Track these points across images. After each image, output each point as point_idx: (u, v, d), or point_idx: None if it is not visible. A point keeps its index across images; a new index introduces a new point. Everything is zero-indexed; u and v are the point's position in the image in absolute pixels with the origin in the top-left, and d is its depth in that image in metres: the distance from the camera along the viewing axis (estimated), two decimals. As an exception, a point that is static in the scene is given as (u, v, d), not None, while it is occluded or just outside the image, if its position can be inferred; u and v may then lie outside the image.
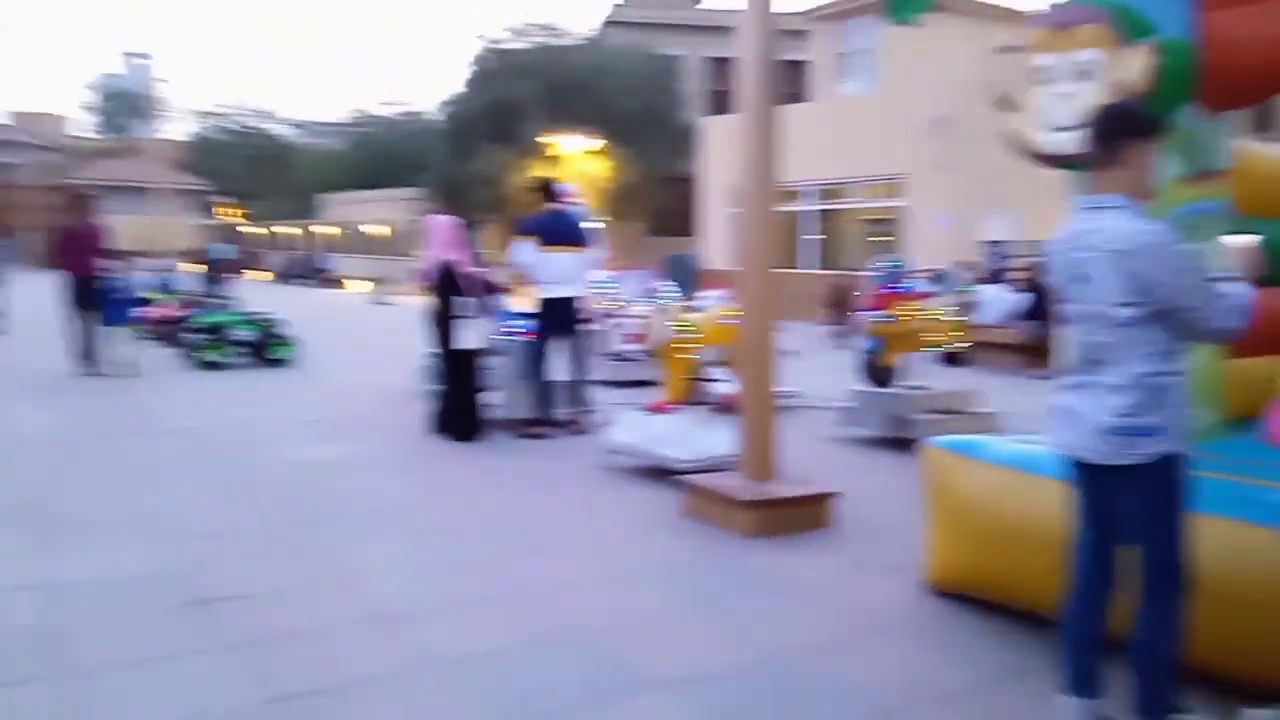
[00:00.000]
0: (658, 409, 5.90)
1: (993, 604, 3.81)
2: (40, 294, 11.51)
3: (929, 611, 3.91)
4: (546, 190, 7.59)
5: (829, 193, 20.75)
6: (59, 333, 10.47)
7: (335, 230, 45.40)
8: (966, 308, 11.72)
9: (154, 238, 20.88)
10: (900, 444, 6.96)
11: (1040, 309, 11.92)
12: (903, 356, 7.37)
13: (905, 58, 18.66)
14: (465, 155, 29.65)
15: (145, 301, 10.67)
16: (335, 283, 34.45)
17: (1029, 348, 11.85)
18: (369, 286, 29.76)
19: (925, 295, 7.34)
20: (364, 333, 16.51)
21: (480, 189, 28.44)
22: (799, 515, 4.94)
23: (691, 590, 4.17)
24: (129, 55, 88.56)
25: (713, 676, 3.30)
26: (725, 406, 6.18)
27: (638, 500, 5.57)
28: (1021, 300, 12.46)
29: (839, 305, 15.35)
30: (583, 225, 7.62)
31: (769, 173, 4.94)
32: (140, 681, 3.15)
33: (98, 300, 10.09)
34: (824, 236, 21.01)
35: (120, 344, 10.29)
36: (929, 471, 4.09)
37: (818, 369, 9.93)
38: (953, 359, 7.67)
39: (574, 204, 7.82)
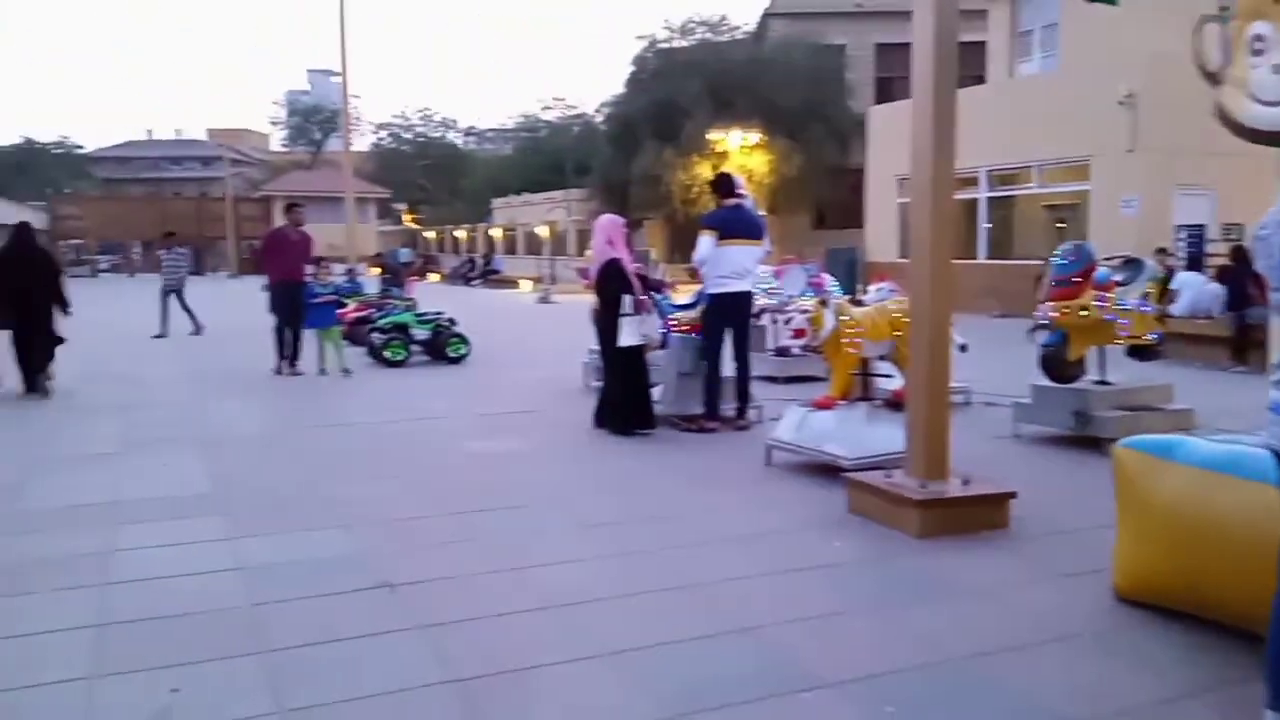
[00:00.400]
0: (823, 405, 5.81)
1: (1185, 615, 3.56)
2: (240, 298, 12.48)
3: (1114, 620, 3.69)
4: (724, 185, 7.61)
5: (1003, 178, 19.84)
6: (255, 334, 11.27)
7: (503, 232, 47.02)
8: (1159, 297, 10.97)
9: (341, 244, 22.20)
10: (1083, 443, 6.61)
11: (1240, 297, 11.02)
12: (1088, 350, 6.97)
13: (1090, 32, 17.61)
14: (627, 155, 30.11)
15: (341, 305, 11.26)
16: (504, 283, 35.68)
17: (1228, 339, 10.99)
18: (535, 286, 30.68)
19: (1113, 284, 6.90)
20: (531, 331, 17.03)
21: (642, 188, 28.83)
22: (973, 515, 4.76)
23: (860, 589, 4.10)
24: (314, 72, 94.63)
25: (883, 677, 3.22)
26: (893, 402, 6.01)
27: (803, 497, 5.51)
28: (1219, 288, 11.55)
29: (1026, 295, 14.65)
30: (759, 219, 7.61)
31: (947, 160, 4.77)
32: (336, 659, 3.37)
33: (302, 304, 10.64)
34: (990, 225, 20.11)
35: (328, 346, 10.81)
36: (1120, 473, 3.85)
37: (989, 363, 9.54)
38: (1143, 352, 7.17)
39: (745, 197, 7.82)
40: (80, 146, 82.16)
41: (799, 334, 5.70)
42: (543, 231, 42.60)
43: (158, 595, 3.97)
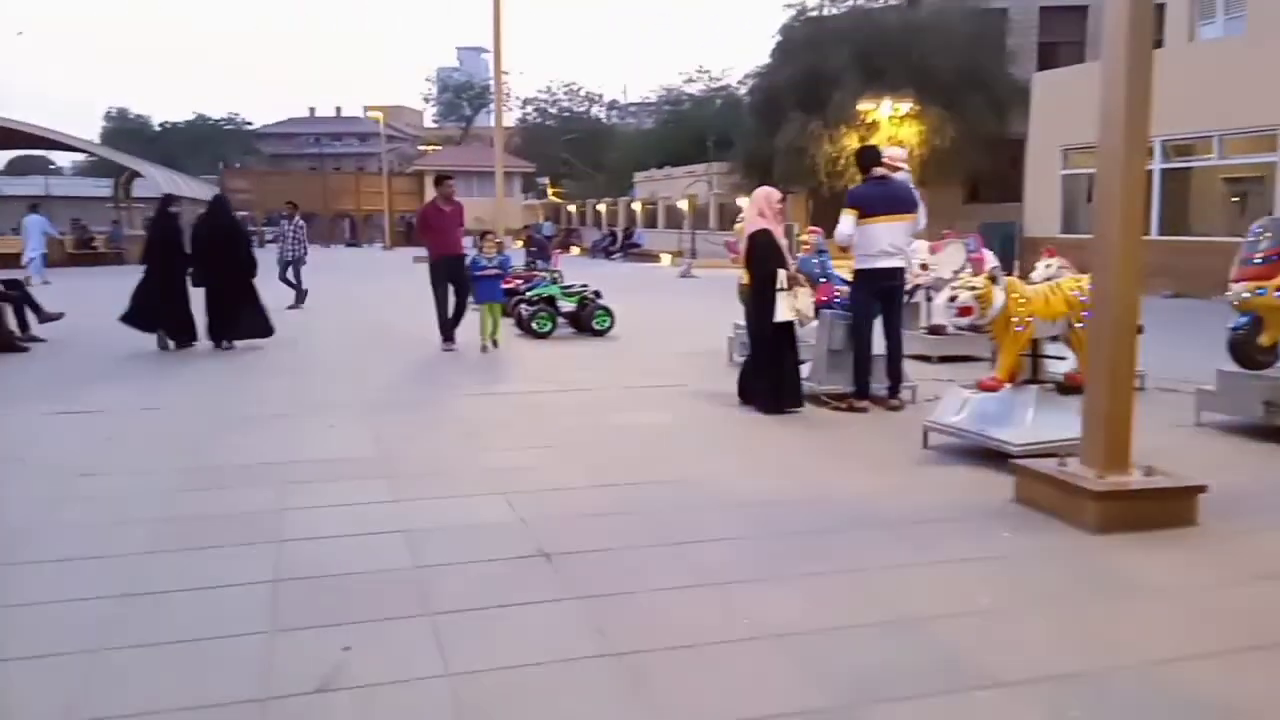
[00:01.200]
0: (989, 387, 5.52)
1: None
2: (394, 268, 12.84)
3: (1325, 628, 3.37)
4: (867, 159, 7.35)
5: (1179, 149, 18.50)
6: (407, 304, 11.54)
7: (643, 206, 47.17)
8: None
9: (488, 217, 22.74)
10: (1273, 434, 6.10)
11: None
12: (1282, 335, 6.40)
13: (1283, -8, 16.16)
14: (772, 127, 29.57)
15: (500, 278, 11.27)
16: (644, 256, 35.81)
17: None
18: (675, 260, 30.65)
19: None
20: (673, 304, 17.02)
21: (786, 160, 28.28)
22: (1157, 510, 4.44)
23: (1030, 584, 3.88)
24: (464, 49, 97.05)
25: (1060, 680, 3.03)
26: (1066, 386, 5.67)
27: (965, 483, 5.27)
28: None
29: (1201, 273, 13.70)
30: (909, 192, 7.33)
31: (1140, 127, 4.43)
32: (498, 625, 3.41)
33: (464, 278, 10.71)
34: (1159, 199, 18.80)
35: (488, 319, 10.60)
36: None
37: (1162, 347, 8.92)
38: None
39: (898, 170, 7.52)
40: (249, 123, 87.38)
41: (965, 312, 5.42)
42: (683, 205, 42.49)
43: (328, 554, 4.13)
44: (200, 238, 10.80)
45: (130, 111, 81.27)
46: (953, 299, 5.46)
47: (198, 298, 10.72)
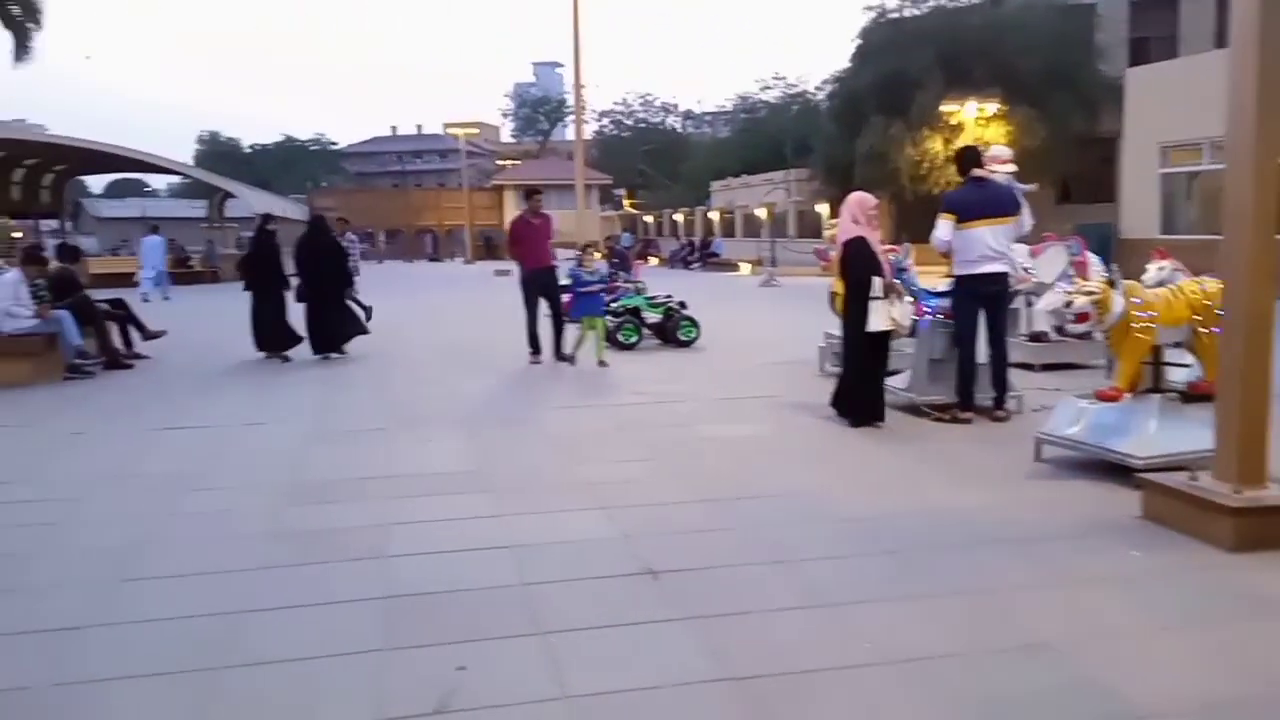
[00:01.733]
0: (1108, 397, 5.26)
1: None
2: (476, 282, 12.98)
3: None
4: (965, 161, 7.13)
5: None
6: (490, 317, 11.56)
7: (721, 215, 47.00)
8: None
9: (569, 230, 22.88)
10: None
11: None
12: None
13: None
14: (852, 132, 29.17)
15: (603, 292, 11.05)
16: (722, 266, 35.63)
17: None
18: (755, 269, 30.42)
19: None
20: (756, 314, 16.85)
21: (867, 166, 27.83)
22: (1301, 527, 4.16)
23: (1165, 606, 3.66)
24: (539, 64, 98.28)
25: (1212, 709, 2.83)
26: (1189, 395, 5.37)
27: (1083, 498, 5.02)
28: None
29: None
30: (1010, 194, 7.08)
31: (1273, 122, 4.17)
32: (609, 645, 3.34)
33: (552, 289, 10.64)
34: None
35: (589, 334, 10.40)
36: None
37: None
38: None
39: (1002, 172, 7.28)
40: (334, 143, 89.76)
41: (1083, 318, 5.17)
42: (761, 213, 42.17)
43: (435, 570, 4.12)
44: (304, 255, 11.35)
45: (221, 134, 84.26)
46: (1068, 304, 5.22)
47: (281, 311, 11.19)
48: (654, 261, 38.46)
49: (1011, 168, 7.71)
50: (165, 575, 4.15)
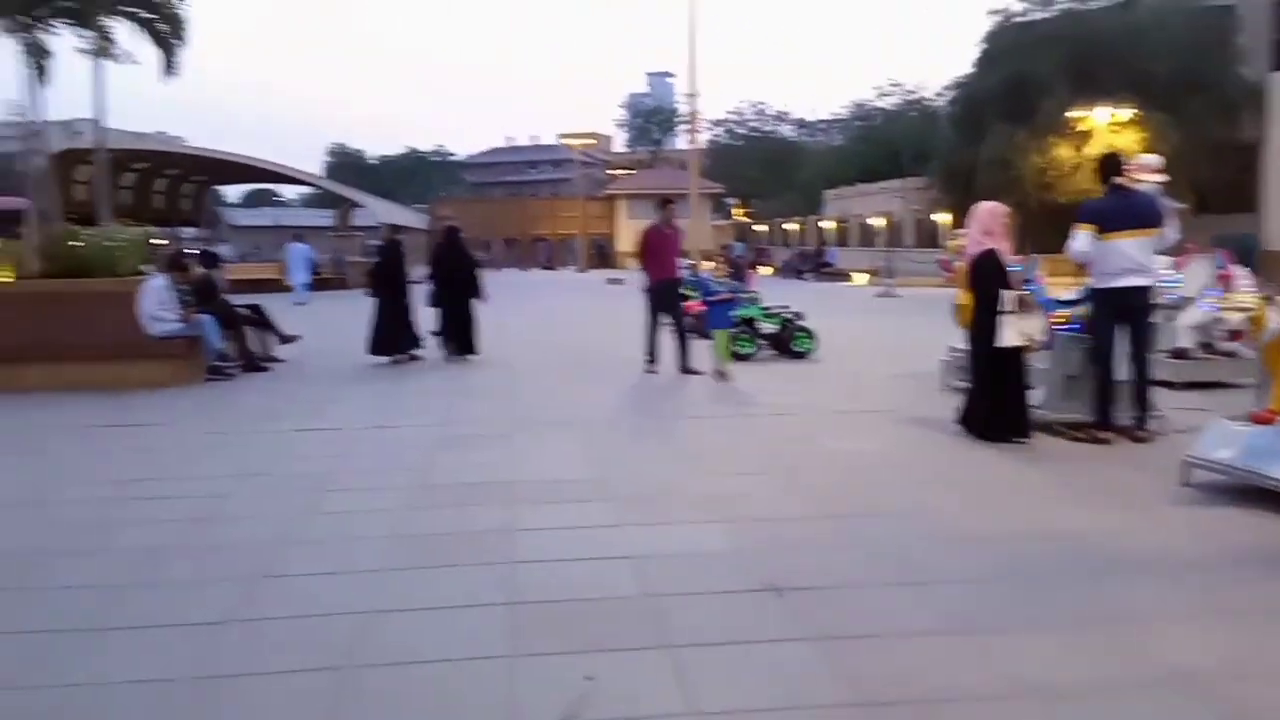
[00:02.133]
0: (1262, 420, 4.95)
1: None
2: (591, 291, 13.09)
3: None
4: (1106, 168, 6.82)
5: None
6: (604, 324, 11.66)
7: (835, 224, 46.37)
8: None
9: (689, 240, 22.97)
10: None
11: None
12: None
13: None
14: (973, 139, 28.42)
15: (732, 303, 11.02)
16: (836, 275, 35.12)
17: None
18: (870, 279, 29.87)
19: None
20: (874, 325, 16.50)
21: (989, 173, 27.05)
22: None
23: (1334, 644, 3.40)
24: (652, 75, 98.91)
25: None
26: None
27: (1236, 526, 4.73)
28: None
29: None
30: (1154, 204, 6.74)
31: None
32: (736, 662, 3.30)
33: (676, 301, 10.58)
34: None
35: (724, 345, 10.27)
36: None
37: None
38: None
39: (1148, 181, 6.95)
40: (454, 154, 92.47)
41: (1236, 336, 4.88)
42: (877, 222, 41.42)
43: (558, 577, 4.15)
44: (440, 264, 12.17)
45: (348, 146, 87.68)
46: (1218, 320, 4.93)
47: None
48: (767, 271, 38.19)
49: (1162, 178, 7.35)
50: (303, 574, 4.29)
